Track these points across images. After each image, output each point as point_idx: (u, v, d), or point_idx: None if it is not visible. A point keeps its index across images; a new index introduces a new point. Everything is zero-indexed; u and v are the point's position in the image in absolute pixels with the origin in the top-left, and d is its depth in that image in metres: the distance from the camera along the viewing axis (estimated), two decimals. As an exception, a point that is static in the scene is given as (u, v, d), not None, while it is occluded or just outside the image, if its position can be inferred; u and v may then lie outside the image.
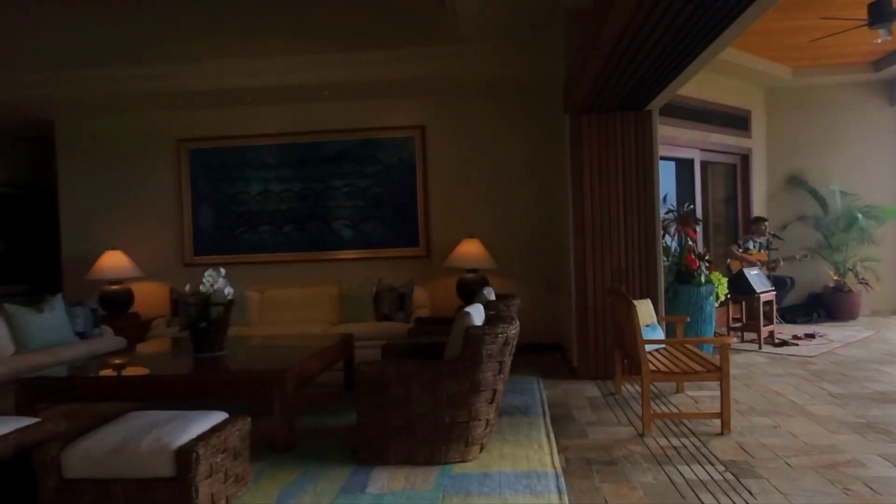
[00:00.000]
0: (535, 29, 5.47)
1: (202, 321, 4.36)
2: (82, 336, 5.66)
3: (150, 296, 6.95)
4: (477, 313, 3.56)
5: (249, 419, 3.09)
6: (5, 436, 2.83)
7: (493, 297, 4.79)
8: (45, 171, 7.49)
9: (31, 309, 5.32)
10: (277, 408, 3.63)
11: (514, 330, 3.46)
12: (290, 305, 6.57)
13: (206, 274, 4.43)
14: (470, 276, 6.34)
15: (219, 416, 3.05)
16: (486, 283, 6.23)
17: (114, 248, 6.76)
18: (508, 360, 3.52)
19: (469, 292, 6.21)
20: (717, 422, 3.87)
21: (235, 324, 6.32)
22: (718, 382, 3.80)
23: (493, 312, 3.86)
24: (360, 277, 6.67)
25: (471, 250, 6.35)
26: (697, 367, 3.87)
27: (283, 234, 6.94)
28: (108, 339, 5.76)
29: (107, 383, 3.80)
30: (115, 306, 6.59)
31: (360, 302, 6.31)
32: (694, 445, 3.61)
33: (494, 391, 3.45)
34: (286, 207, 6.94)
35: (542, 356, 6.31)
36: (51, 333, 5.30)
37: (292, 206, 6.93)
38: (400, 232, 6.83)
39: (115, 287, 6.62)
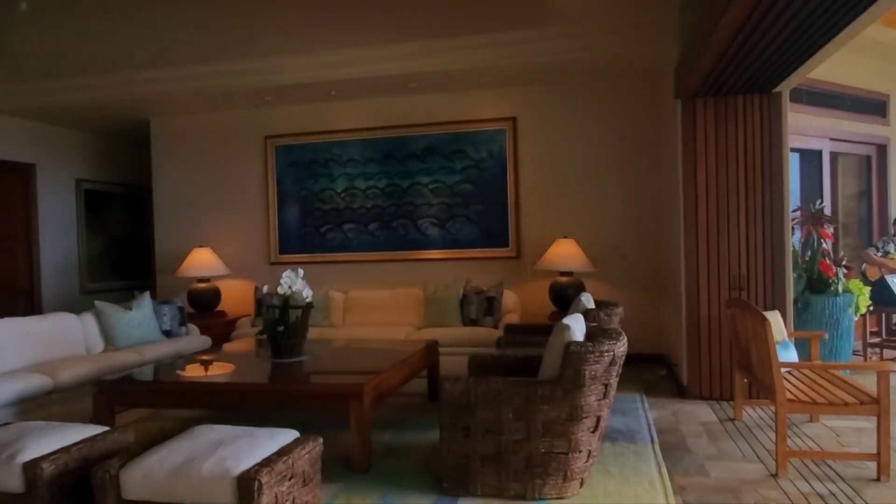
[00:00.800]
0: (641, 5, 4.89)
1: (280, 325, 4.13)
2: (169, 334, 5.63)
3: (236, 294, 6.92)
4: (577, 326, 3.09)
5: (321, 440, 2.77)
6: (67, 448, 2.66)
7: (591, 305, 4.28)
8: (143, 170, 7.65)
9: (119, 307, 5.33)
10: (353, 426, 3.32)
11: (622, 347, 2.97)
12: (373, 307, 6.32)
13: (283, 275, 4.20)
14: (564, 279, 5.83)
15: (288, 436, 2.76)
16: (582, 288, 5.71)
17: (202, 246, 6.77)
18: (615, 382, 3.03)
19: (563, 297, 5.71)
20: (872, 465, 3.19)
21: (319, 325, 6.18)
22: (875, 417, 3.13)
23: (594, 324, 3.37)
24: (447, 279, 6.32)
25: (565, 251, 5.83)
26: (847, 398, 3.20)
27: (368, 233, 6.70)
28: (193, 339, 5.71)
29: (179, 391, 3.62)
30: (202, 304, 6.58)
31: (445, 305, 5.95)
32: (844, 494, 2.97)
33: (598, 418, 2.96)
34: (371, 205, 6.69)
35: (644, 370, 5.70)
36: (138, 332, 5.29)
37: (377, 204, 6.68)
38: (489, 231, 6.42)
39: (202, 285, 6.62)
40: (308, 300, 4.28)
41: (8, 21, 6.45)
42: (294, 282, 4.23)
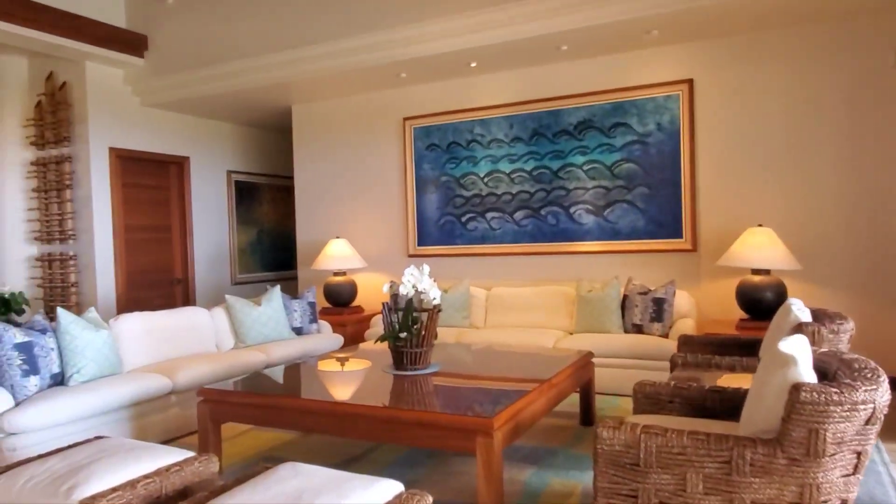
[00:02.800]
0: None
1: (402, 331, 3.50)
2: (299, 332, 5.30)
3: (373, 288, 6.51)
4: (804, 356, 2.07)
5: (430, 499, 2.07)
6: (134, 482, 2.20)
7: (806, 317, 3.14)
8: (289, 160, 7.53)
9: (249, 302, 5.06)
10: (481, 468, 2.58)
11: (885, 396, 1.91)
12: (518, 306, 5.55)
13: (406, 273, 3.56)
14: (757, 278, 4.62)
15: (390, 489, 2.10)
16: (782, 291, 4.48)
17: (338, 237, 6.42)
18: (869, 448, 1.98)
19: (756, 302, 4.53)
20: None
21: (458, 325, 5.54)
22: None
23: (831, 352, 2.31)
24: (604, 276, 5.38)
25: (759, 243, 4.61)
26: None
27: (514, 222, 5.92)
28: (323, 337, 5.32)
29: (274, 410, 3.10)
30: (337, 299, 6.24)
31: (602, 307, 5.02)
32: None
33: (844, 502, 1.94)
34: (517, 191, 5.90)
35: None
36: (267, 329, 4.98)
37: (524, 189, 5.87)
38: (657, 219, 5.35)
39: (338, 279, 6.26)
40: (436, 302, 3.61)
41: (158, 16, 6.55)
42: (419, 280, 3.58)
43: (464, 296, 5.69)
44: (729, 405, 2.67)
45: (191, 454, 2.50)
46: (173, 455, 2.47)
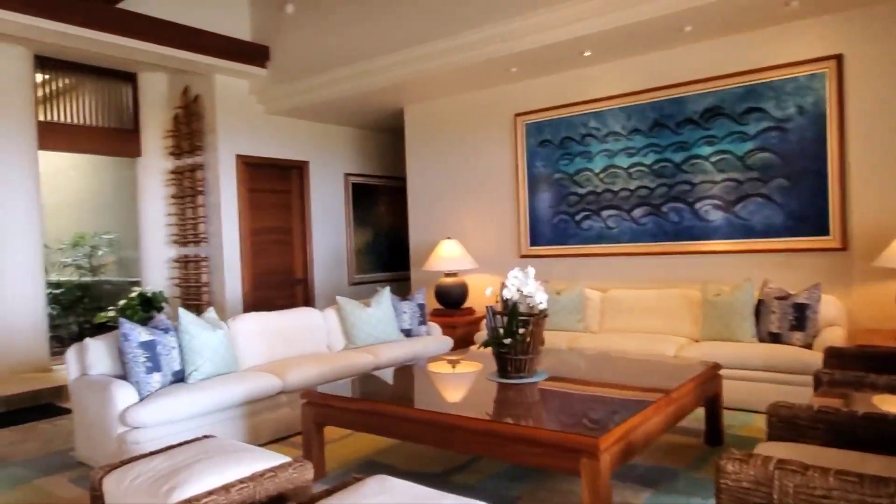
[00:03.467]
0: None
1: (506, 336, 3.33)
2: (408, 334, 5.27)
3: (484, 290, 6.35)
4: None
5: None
6: (228, 487, 2.20)
7: None
8: (402, 162, 7.59)
9: (359, 303, 5.11)
10: (586, 493, 2.34)
11: None
12: (637, 310, 5.17)
13: (510, 276, 3.38)
14: (925, 282, 3.96)
15: (481, 513, 1.94)
16: (959, 297, 3.80)
17: (449, 238, 6.35)
18: None
19: (924, 310, 3.87)
20: None
21: (571, 329, 5.28)
22: None
23: None
24: (735, 278, 4.88)
25: (928, 242, 3.94)
26: None
27: (632, 220, 5.54)
28: (432, 340, 5.26)
29: (374, 415, 3.04)
30: (448, 300, 6.16)
31: (733, 312, 4.54)
32: None
33: None
34: (636, 186, 5.51)
35: None
36: (376, 330, 5.00)
37: (644, 185, 5.47)
38: (797, 214, 4.76)
39: (449, 280, 6.19)
40: (542, 307, 3.40)
41: (278, 27, 6.83)
42: (524, 283, 3.39)
43: (578, 298, 5.40)
44: (888, 436, 2.24)
45: (286, 460, 2.49)
46: (270, 459, 2.47)
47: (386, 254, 8.67)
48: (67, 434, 4.28)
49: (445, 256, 6.14)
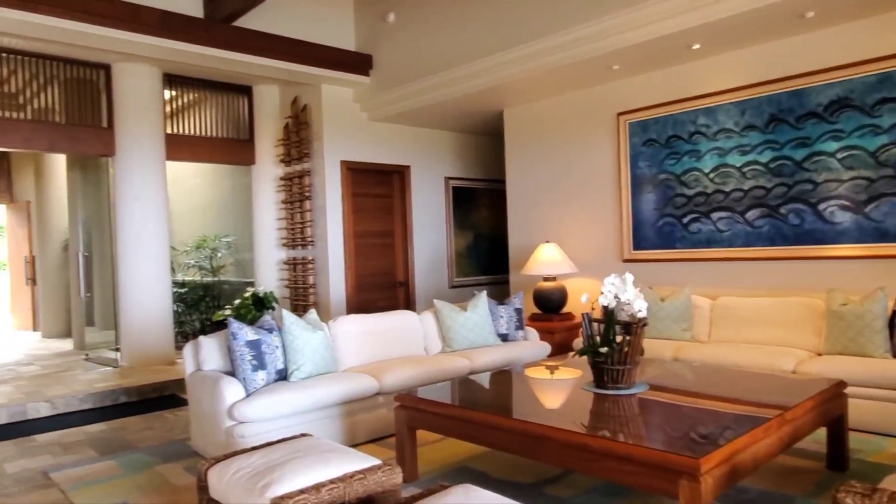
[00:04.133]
0: None
1: (603, 345, 3.20)
2: (505, 338, 5.22)
3: (582, 291, 6.18)
4: None
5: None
6: (318, 486, 2.26)
7: None
8: (502, 165, 7.55)
9: (456, 307, 5.12)
10: (684, 518, 2.19)
11: None
12: (751, 320, 4.82)
13: (606, 282, 3.24)
14: None
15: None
16: None
17: (548, 241, 6.23)
18: None
19: None
20: None
21: (677, 338, 5.02)
22: None
23: None
24: (865, 286, 4.42)
25: None
26: None
27: (746, 223, 5.17)
28: (530, 345, 5.17)
29: (463, 421, 3.01)
30: (547, 305, 6.04)
31: (862, 324, 4.11)
32: None
33: None
34: (750, 186, 5.14)
35: None
36: (473, 334, 4.99)
37: (759, 185, 5.09)
38: (943, 216, 4.23)
39: (548, 284, 6.07)
40: (641, 315, 3.24)
41: (381, 36, 7.01)
42: (622, 291, 3.24)
43: (684, 305, 5.12)
44: None
45: (377, 462, 2.52)
46: (361, 461, 2.51)
47: (486, 257, 8.66)
48: (185, 424, 4.61)
49: (544, 260, 6.03)
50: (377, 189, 7.58)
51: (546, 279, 6.13)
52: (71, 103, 6.38)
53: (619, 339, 3.19)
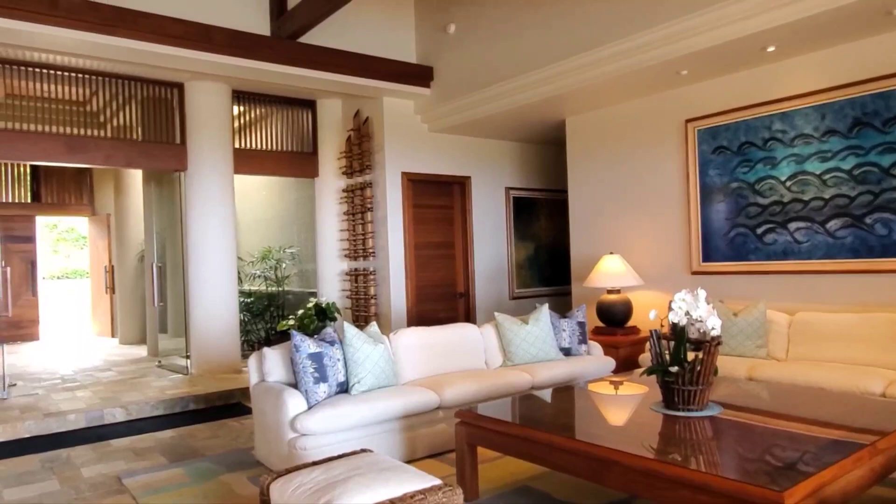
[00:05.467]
0: None
1: (673, 364, 3.05)
2: (567, 353, 5.09)
3: (651, 308, 5.94)
4: None
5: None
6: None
7: None
8: (563, 174, 7.41)
9: (517, 320, 5.03)
10: (766, 555, 2.04)
11: None
12: (833, 337, 4.52)
13: (677, 298, 3.10)
14: None
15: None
16: None
17: (612, 252, 6.05)
18: None
19: None
20: None
21: (751, 356, 4.77)
22: None
23: None
24: (966, 303, 4.08)
25: None
26: None
27: (826, 233, 4.87)
28: (593, 360, 5.02)
29: (524, 440, 2.92)
30: (611, 318, 5.86)
31: (963, 345, 3.78)
32: None
33: None
34: (831, 195, 4.84)
35: None
36: (534, 348, 4.88)
37: (841, 193, 4.79)
38: None
39: (612, 297, 5.89)
40: (715, 333, 3.07)
41: (441, 47, 7.03)
42: (693, 307, 3.09)
43: (759, 321, 4.85)
44: None
45: (437, 482, 2.47)
46: (421, 480, 2.47)
47: (547, 268, 8.52)
48: (250, 433, 4.70)
49: (608, 272, 5.86)
50: (438, 200, 7.58)
51: (610, 291, 5.95)
52: (147, 121, 6.68)
53: (690, 357, 3.03)
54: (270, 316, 8.48)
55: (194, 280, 6.68)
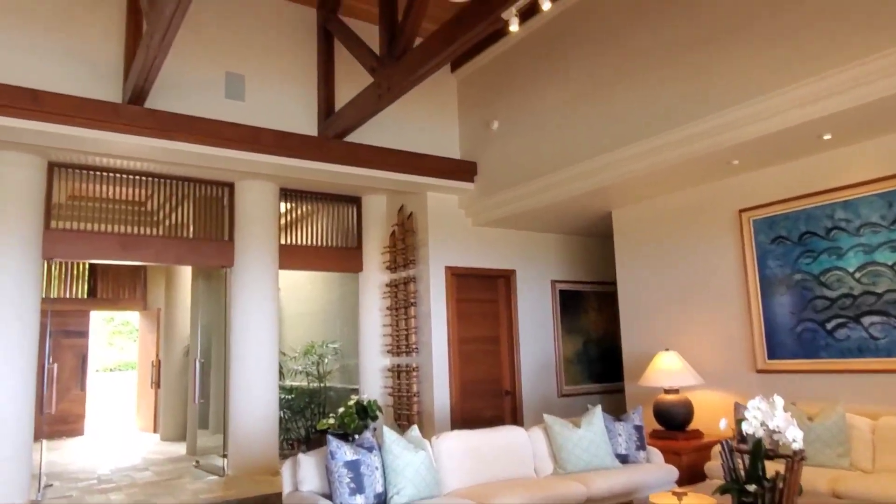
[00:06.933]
0: None
1: (749, 482, 2.71)
2: (624, 459, 4.69)
3: (713, 409, 5.53)
4: None
5: None
6: None
7: None
8: (611, 267, 7.20)
9: (567, 423, 4.69)
10: None
11: None
12: (928, 447, 4.03)
13: (751, 406, 2.80)
14: None
15: None
16: None
17: (667, 349, 5.71)
18: None
19: None
20: None
21: (832, 466, 4.29)
22: None
23: None
24: None
25: None
26: None
27: (907, 329, 4.48)
28: (653, 468, 4.61)
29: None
30: (670, 421, 5.44)
31: None
32: None
33: None
34: (907, 287, 4.49)
35: None
36: (587, 454, 4.52)
37: (918, 285, 4.43)
38: None
39: (670, 397, 5.49)
40: (797, 446, 2.73)
41: (485, 142, 7.11)
42: (770, 416, 2.77)
43: (838, 426, 4.40)
44: None
45: None
46: None
47: (597, 364, 8.13)
48: (283, 546, 4.39)
49: (664, 370, 5.50)
50: (482, 294, 7.42)
51: (667, 391, 5.56)
52: (198, 219, 6.85)
53: (769, 475, 2.69)
54: (311, 413, 8.26)
55: (236, 376, 6.58)
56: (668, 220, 6.17)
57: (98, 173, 6.30)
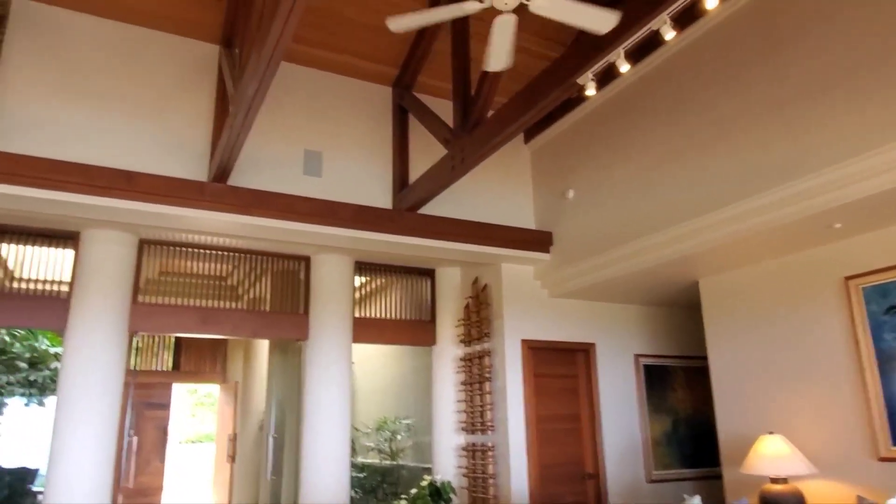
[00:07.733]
0: None
1: None
2: (730, 560, 4.14)
3: (830, 501, 4.88)
4: None
5: None
6: None
7: None
8: (700, 339, 6.72)
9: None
10: None
11: None
12: None
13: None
14: None
15: None
16: None
17: (771, 432, 5.15)
18: None
19: None
20: None
21: None
22: None
23: None
24: None
25: None
26: None
27: None
28: (765, 572, 4.03)
29: None
30: (780, 515, 4.83)
31: None
32: None
33: None
34: None
35: None
36: (687, 552, 4.02)
37: None
38: None
39: (777, 487, 4.90)
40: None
41: (561, 212, 6.96)
42: (912, 516, 2.34)
43: None
44: None
45: None
46: None
47: (689, 445, 7.49)
48: None
49: (770, 456, 4.94)
50: (560, 369, 7.07)
51: (774, 480, 4.97)
52: (276, 292, 6.95)
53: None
54: (384, 493, 7.96)
55: (307, 452, 6.43)
56: (763, 289, 5.72)
57: (183, 249, 6.54)
